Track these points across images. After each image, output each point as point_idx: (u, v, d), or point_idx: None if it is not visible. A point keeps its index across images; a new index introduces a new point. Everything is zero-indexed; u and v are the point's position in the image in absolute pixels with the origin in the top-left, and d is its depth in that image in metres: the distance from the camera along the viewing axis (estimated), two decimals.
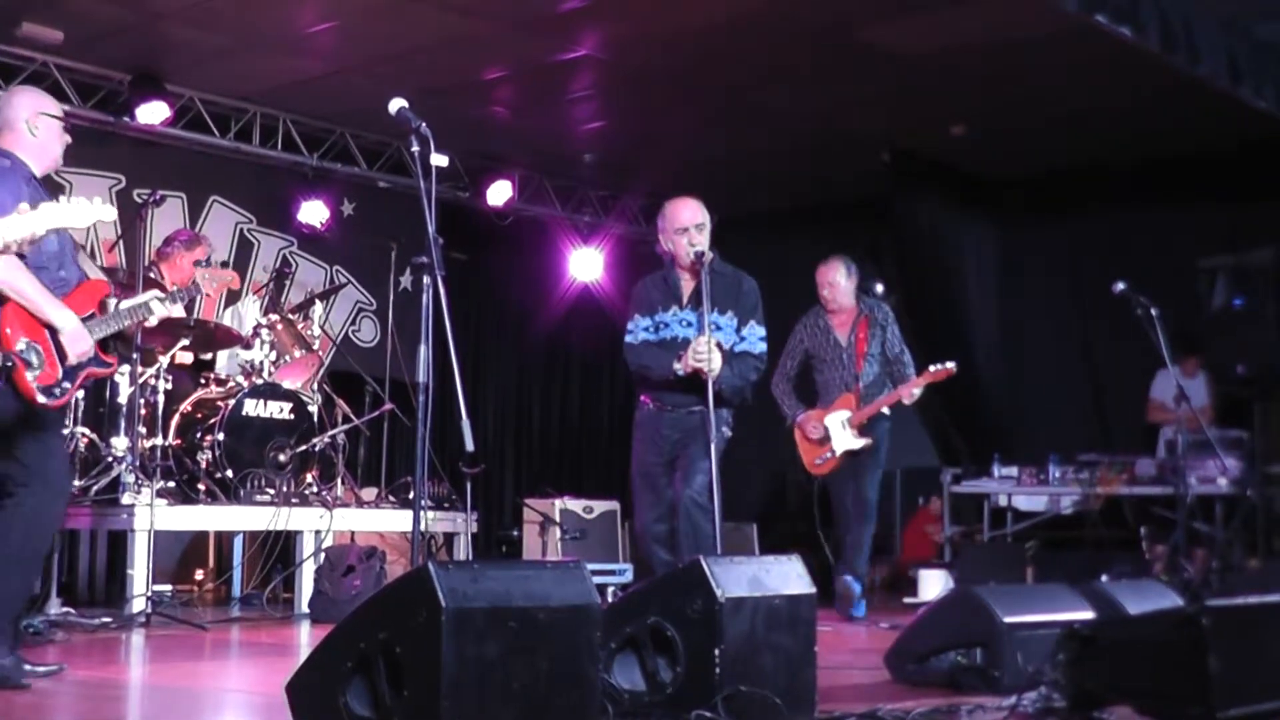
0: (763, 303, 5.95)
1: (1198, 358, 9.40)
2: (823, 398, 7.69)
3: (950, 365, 7.48)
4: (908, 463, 12.13)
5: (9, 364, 4.41)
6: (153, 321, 4.99)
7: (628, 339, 5.87)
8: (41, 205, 3.50)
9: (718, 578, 3.63)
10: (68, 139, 4.84)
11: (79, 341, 4.58)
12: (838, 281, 7.57)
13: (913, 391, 7.46)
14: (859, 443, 7.47)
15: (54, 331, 4.55)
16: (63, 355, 4.57)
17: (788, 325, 7.70)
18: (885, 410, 7.54)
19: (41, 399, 4.49)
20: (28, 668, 4.49)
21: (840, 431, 7.51)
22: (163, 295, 5.09)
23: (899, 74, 8.53)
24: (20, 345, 4.45)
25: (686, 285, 5.81)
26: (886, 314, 7.69)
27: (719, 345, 5.59)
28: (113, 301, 4.88)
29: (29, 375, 4.46)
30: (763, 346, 5.89)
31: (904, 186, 10.33)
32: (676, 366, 5.60)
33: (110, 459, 6.98)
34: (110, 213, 4.26)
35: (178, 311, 5.70)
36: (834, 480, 7.62)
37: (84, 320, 4.65)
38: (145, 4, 7.68)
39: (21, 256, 4.34)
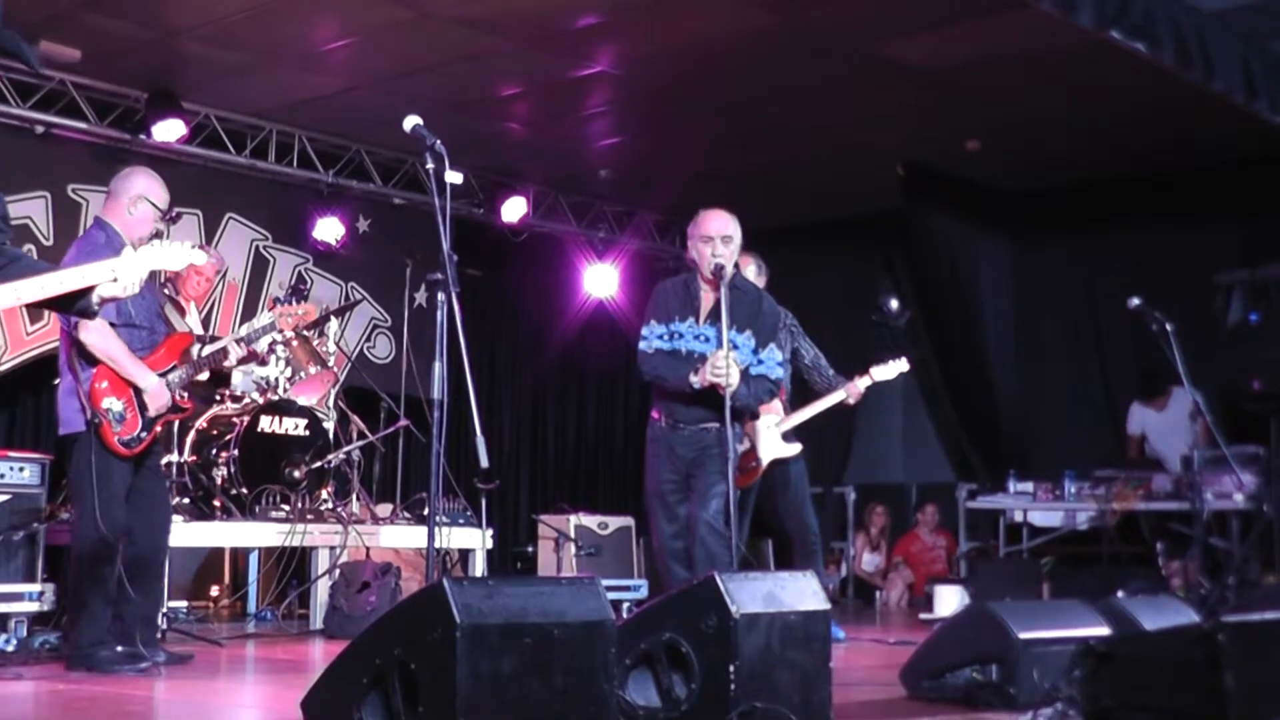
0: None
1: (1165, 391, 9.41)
2: None
3: (903, 361, 7.26)
4: (922, 478, 12.13)
5: (96, 420, 5.26)
6: (231, 361, 5.82)
7: (642, 345, 5.72)
8: (142, 249, 3.74)
9: (732, 594, 3.63)
10: (160, 226, 5.56)
11: (159, 398, 5.40)
12: (746, 275, 6.55)
13: (859, 389, 7.17)
14: (789, 449, 7.00)
15: (138, 390, 5.36)
16: (144, 409, 5.37)
17: None
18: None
19: (122, 450, 5.31)
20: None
21: (768, 437, 6.91)
22: (240, 337, 5.87)
23: (913, 88, 8.53)
24: (106, 404, 5.27)
25: (706, 299, 5.69)
26: (796, 322, 7.29)
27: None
28: (195, 349, 5.71)
29: (113, 430, 5.29)
30: (780, 372, 5.79)
31: (918, 201, 10.32)
32: (693, 379, 5.48)
33: None
34: (202, 257, 4.68)
35: (261, 347, 6.25)
36: (762, 495, 7.07)
37: (167, 371, 5.46)
38: (162, 22, 7.72)
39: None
